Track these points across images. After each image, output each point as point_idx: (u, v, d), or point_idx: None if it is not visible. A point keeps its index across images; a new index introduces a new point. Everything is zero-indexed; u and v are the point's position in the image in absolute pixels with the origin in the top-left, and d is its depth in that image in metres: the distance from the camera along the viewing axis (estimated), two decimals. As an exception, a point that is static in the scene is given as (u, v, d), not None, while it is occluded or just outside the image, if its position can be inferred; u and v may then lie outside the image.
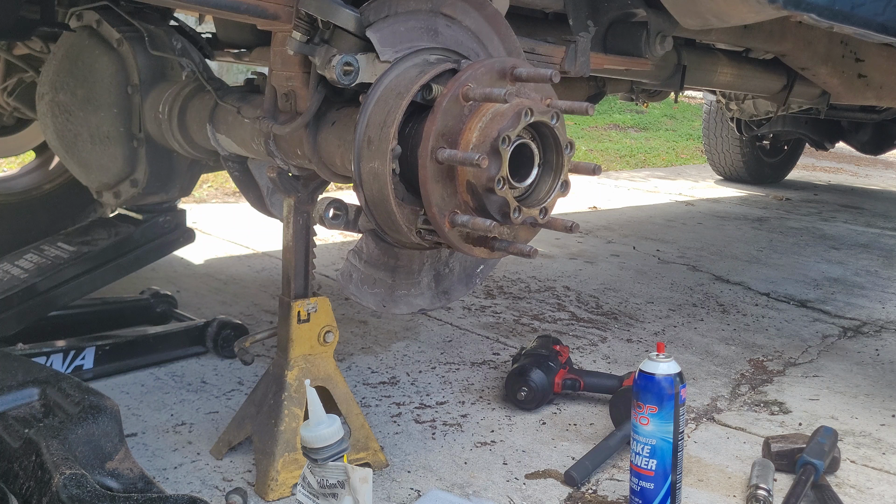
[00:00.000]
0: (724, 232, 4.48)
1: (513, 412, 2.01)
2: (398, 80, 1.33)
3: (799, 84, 3.21)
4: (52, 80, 1.93)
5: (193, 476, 1.62)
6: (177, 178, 1.99)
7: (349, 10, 1.34)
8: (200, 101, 1.76)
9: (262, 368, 2.10)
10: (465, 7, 1.44)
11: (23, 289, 1.97)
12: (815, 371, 2.44)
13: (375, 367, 2.23)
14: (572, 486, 1.68)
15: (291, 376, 1.59)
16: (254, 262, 3.23)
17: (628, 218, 4.73)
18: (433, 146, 1.25)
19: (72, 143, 1.92)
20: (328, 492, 1.26)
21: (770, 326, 2.84)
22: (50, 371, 1.46)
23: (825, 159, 8.38)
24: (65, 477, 1.14)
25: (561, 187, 1.36)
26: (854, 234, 4.64)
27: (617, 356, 2.44)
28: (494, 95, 1.23)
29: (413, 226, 1.34)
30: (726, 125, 5.83)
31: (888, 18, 1.79)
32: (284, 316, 1.61)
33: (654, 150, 8.27)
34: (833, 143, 5.81)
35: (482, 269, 1.62)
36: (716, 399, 2.18)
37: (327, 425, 1.27)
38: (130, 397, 1.96)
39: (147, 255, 2.16)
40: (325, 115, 1.46)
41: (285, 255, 1.63)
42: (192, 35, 1.96)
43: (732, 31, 2.45)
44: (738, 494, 1.69)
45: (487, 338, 2.53)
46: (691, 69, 2.80)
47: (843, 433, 2.00)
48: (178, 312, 2.38)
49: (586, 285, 3.20)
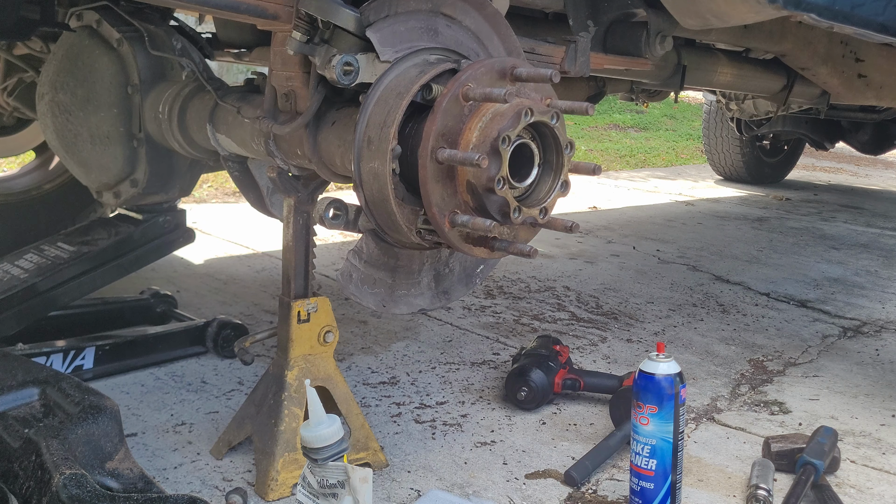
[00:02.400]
0: (724, 232, 4.48)
1: (513, 412, 2.01)
2: (398, 80, 1.33)
3: (799, 84, 3.21)
4: (52, 79, 1.93)
5: (193, 476, 1.62)
6: (177, 178, 1.99)
7: (349, 10, 1.34)
8: (200, 101, 1.76)
9: (262, 368, 2.10)
10: (465, 7, 1.44)
11: (23, 289, 1.97)
12: (815, 371, 2.44)
13: (375, 367, 2.23)
14: (572, 486, 1.68)
15: (291, 376, 1.59)
16: (254, 262, 3.23)
17: (628, 218, 4.73)
18: (433, 146, 1.25)
19: (72, 143, 1.92)
20: (328, 492, 1.26)
21: (770, 326, 2.84)
22: (50, 371, 1.46)
23: (825, 159, 8.38)
24: (65, 477, 1.14)
25: (561, 187, 1.36)
26: (854, 234, 4.64)
27: (617, 356, 2.44)
28: (494, 95, 1.23)
29: (413, 226, 1.34)
30: (726, 125, 5.83)
31: (888, 18, 1.79)
32: (284, 316, 1.61)
33: (654, 150, 8.27)
34: (833, 143, 5.81)
35: (482, 269, 1.63)
36: (716, 399, 2.18)
37: (327, 425, 1.27)
38: (130, 397, 1.96)
39: (147, 255, 2.16)
40: (325, 115, 1.46)
41: (285, 255, 1.63)
42: (192, 35, 1.96)
43: (732, 31, 2.45)
44: (738, 494, 1.69)
45: (487, 338, 2.53)
46: (691, 69, 2.80)
47: (843, 433, 2.00)
48: (178, 312, 2.37)
49: (586, 285, 3.20)
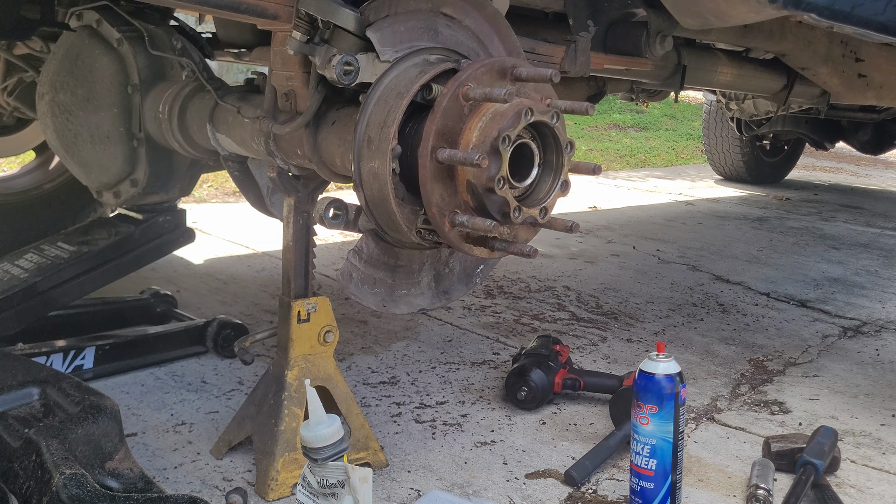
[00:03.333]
0: (724, 232, 4.48)
1: (513, 412, 2.01)
2: (398, 79, 1.33)
3: (799, 84, 3.21)
4: (52, 79, 1.93)
5: (193, 476, 1.62)
6: (177, 178, 1.99)
7: (349, 10, 1.34)
8: (200, 100, 1.76)
9: (262, 368, 2.10)
10: (465, 7, 1.44)
11: (23, 289, 1.97)
12: (816, 371, 2.44)
13: (375, 367, 2.23)
14: (572, 485, 1.68)
15: (291, 376, 1.59)
16: (254, 262, 3.23)
17: (628, 218, 4.73)
18: (433, 146, 1.25)
19: (72, 142, 1.92)
20: (328, 492, 1.26)
21: (770, 326, 2.84)
22: (50, 371, 1.46)
23: (825, 159, 8.38)
24: (65, 477, 1.14)
25: (561, 187, 1.36)
26: (854, 234, 4.64)
27: (617, 356, 2.44)
28: (494, 95, 1.23)
29: (413, 226, 1.34)
30: (726, 125, 5.83)
31: (888, 18, 1.79)
32: (284, 316, 1.61)
33: (654, 150, 8.27)
34: (833, 143, 5.81)
35: (482, 269, 1.62)
36: (716, 399, 2.18)
37: (327, 425, 1.27)
38: (130, 397, 1.96)
39: (147, 255, 2.16)
40: (325, 115, 1.46)
41: (285, 254, 1.63)
42: (192, 35, 1.96)
43: (732, 30, 2.45)
44: (738, 494, 1.69)
45: (487, 338, 2.53)
46: (691, 69, 2.79)
47: (843, 433, 2.00)
48: (178, 312, 2.37)
49: (586, 285, 3.20)
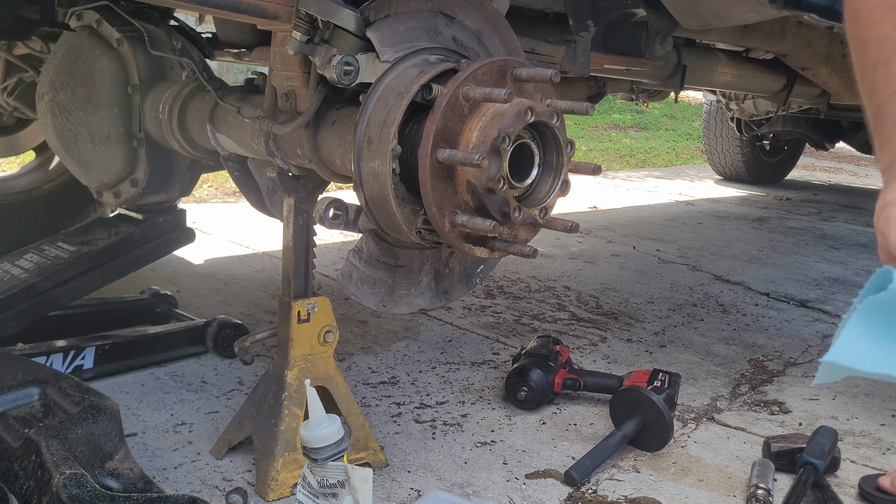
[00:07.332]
0: (724, 232, 4.48)
1: (513, 412, 2.01)
2: (398, 79, 1.33)
3: (799, 84, 3.21)
4: (52, 79, 1.93)
5: (193, 476, 1.62)
6: (177, 178, 1.99)
7: (349, 10, 1.34)
8: (200, 100, 1.76)
9: (262, 368, 2.10)
10: (465, 7, 1.44)
11: (23, 289, 1.97)
12: (816, 371, 2.43)
13: (375, 367, 2.23)
14: (572, 485, 1.68)
15: (291, 376, 1.59)
16: (254, 262, 3.23)
17: (628, 218, 4.73)
18: (433, 146, 1.25)
19: (72, 142, 1.92)
20: (328, 492, 1.26)
21: (770, 326, 2.84)
22: (50, 371, 1.46)
23: (825, 159, 8.39)
24: (65, 477, 1.14)
25: (561, 187, 1.36)
26: (854, 234, 4.64)
27: (617, 356, 2.44)
28: (495, 95, 1.23)
29: (413, 226, 1.34)
30: (726, 125, 5.84)
31: (888, 18, 1.78)
32: (284, 316, 1.61)
33: (654, 150, 8.27)
34: (833, 143, 5.81)
35: (482, 269, 1.62)
36: (716, 399, 2.18)
37: (327, 425, 1.27)
38: (130, 397, 1.96)
39: (147, 255, 2.16)
40: (325, 115, 1.46)
41: (285, 255, 1.63)
42: (192, 35, 1.96)
43: (732, 31, 2.45)
44: (738, 494, 1.69)
45: (487, 338, 2.53)
46: (691, 69, 2.80)
47: (843, 433, 2.00)
48: (178, 312, 2.37)
49: (586, 285, 3.20)
